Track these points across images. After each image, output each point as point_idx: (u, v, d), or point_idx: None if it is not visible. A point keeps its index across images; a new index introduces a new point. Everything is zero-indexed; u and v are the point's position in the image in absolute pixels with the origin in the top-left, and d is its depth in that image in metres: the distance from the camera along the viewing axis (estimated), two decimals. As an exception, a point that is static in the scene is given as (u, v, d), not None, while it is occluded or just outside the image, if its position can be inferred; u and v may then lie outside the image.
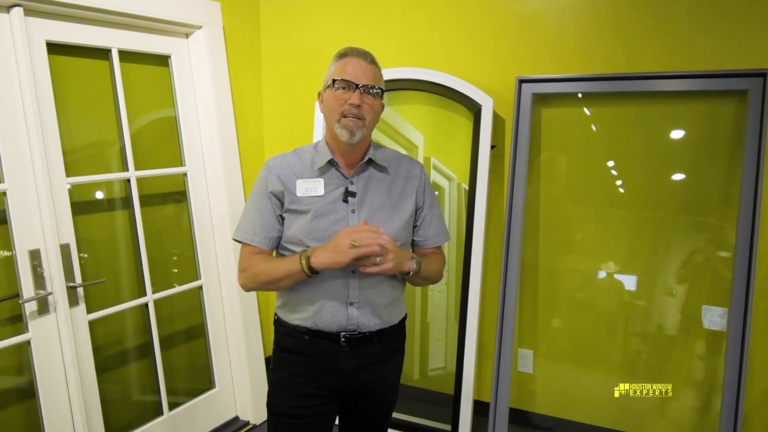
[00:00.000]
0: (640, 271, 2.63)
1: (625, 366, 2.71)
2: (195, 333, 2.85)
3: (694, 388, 2.59)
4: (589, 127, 2.65)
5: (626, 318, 2.68)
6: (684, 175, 2.51)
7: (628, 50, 2.49)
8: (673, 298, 2.58)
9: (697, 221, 2.51)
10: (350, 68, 1.54)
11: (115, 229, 2.51)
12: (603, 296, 2.72)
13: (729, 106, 2.40)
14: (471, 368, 2.66)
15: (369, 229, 1.48)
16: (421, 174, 1.72)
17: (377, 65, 1.60)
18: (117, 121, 2.46)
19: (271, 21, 3.22)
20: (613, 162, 2.63)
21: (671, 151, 2.53)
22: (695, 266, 2.52)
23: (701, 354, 2.56)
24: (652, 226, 2.59)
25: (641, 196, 2.59)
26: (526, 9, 2.64)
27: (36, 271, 2.13)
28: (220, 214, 2.81)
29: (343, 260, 1.46)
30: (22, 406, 2.17)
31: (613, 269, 2.69)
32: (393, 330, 1.68)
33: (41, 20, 2.17)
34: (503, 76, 2.71)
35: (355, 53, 1.57)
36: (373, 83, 1.55)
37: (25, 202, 2.10)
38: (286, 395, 1.65)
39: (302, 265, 1.50)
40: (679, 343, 2.59)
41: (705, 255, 2.50)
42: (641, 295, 2.65)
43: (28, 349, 2.13)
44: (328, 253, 1.47)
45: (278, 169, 1.62)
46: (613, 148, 2.62)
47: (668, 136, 2.53)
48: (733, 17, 2.32)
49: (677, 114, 2.50)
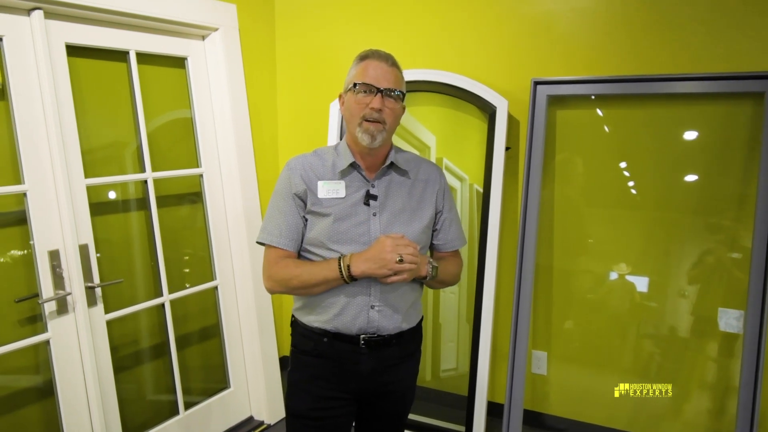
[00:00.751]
0: (653, 273, 2.63)
1: (639, 368, 2.70)
2: (210, 333, 2.86)
3: (709, 390, 2.58)
4: (603, 128, 2.65)
5: (640, 320, 2.68)
6: (698, 176, 2.50)
7: (642, 52, 2.48)
8: (688, 300, 2.57)
9: (711, 223, 2.50)
10: (371, 71, 1.54)
11: (132, 229, 2.53)
12: (617, 298, 2.72)
13: (744, 108, 2.39)
14: (485, 369, 2.66)
15: (410, 244, 1.50)
16: (441, 178, 1.73)
17: (398, 68, 1.59)
18: (134, 122, 2.48)
19: (286, 22, 3.24)
20: (627, 163, 2.62)
21: (685, 153, 2.52)
22: (710, 268, 2.51)
23: (716, 356, 2.55)
24: (666, 227, 2.58)
25: (655, 197, 2.58)
26: (539, 11, 2.64)
27: (55, 271, 2.15)
28: (236, 215, 2.82)
29: (386, 273, 1.48)
30: (41, 405, 2.19)
31: (626, 271, 2.69)
32: (411, 332, 1.69)
33: (61, 23, 2.19)
34: (517, 78, 2.72)
35: (376, 56, 1.57)
36: (394, 86, 1.54)
37: (45, 203, 2.13)
38: (305, 397, 1.66)
39: (342, 273, 1.51)
40: (694, 345, 2.59)
41: (720, 257, 2.50)
42: (655, 297, 2.64)
43: (47, 349, 2.16)
44: (370, 263, 1.48)
45: (300, 170, 1.62)
46: (627, 149, 2.62)
47: (682, 138, 2.52)
48: (748, 20, 2.31)
49: (692, 116, 2.49)
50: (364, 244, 1.56)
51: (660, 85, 2.44)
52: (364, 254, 1.50)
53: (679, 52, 2.43)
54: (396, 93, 1.55)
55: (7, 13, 2.04)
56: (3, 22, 2.02)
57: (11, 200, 2.09)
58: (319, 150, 1.70)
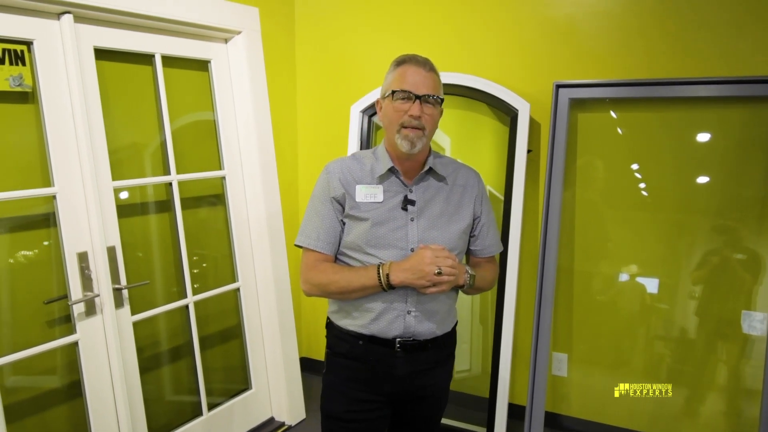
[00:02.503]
0: (673, 276, 2.63)
1: (658, 370, 2.70)
2: (231, 334, 2.88)
3: (732, 392, 2.58)
4: (625, 131, 2.65)
5: (660, 322, 2.68)
6: (718, 180, 2.50)
7: (665, 56, 2.49)
8: (710, 303, 2.57)
9: (734, 226, 2.50)
10: (409, 78, 1.52)
11: (156, 231, 2.55)
12: (638, 300, 2.72)
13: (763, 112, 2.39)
14: (507, 371, 2.67)
15: (449, 256, 1.51)
16: (479, 183, 1.72)
17: (436, 72, 1.58)
18: (159, 125, 2.50)
19: (306, 26, 3.26)
20: (647, 166, 2.62)
21: (708, 156, 2.52)
22: (733, 271, 2.51)
23: (739, 359, 2.55)
24: (687, 230, 2.58)
25: (675, 200, 2.58)
26: (557, 15, 2.65)
27: (84, 273, 2.17)
28: (257, 218, 2.83)
29: (424, 284, 1.49)
30: (68, 406, 2.21)
31: (646, 273, 2.69)
32: (446, 336, 1.69)
33: (90, 27, 2.21)
34: (536, 81, 2.72)
35: (414, 61, 1.55)
36: (432, 92, 1.53)
37: (74, 205, 2.14)
38: (340, 399, 1.67)
39: (381, 281, 1.51)
40: (716, 347, 2.59)
41: (743, 260, 2.49)
42: (675, 300, 2.64)
43: (75, 350, 2.18)
44: (408, 274, 1.49)
45: (339, 173, 1.62)
46: (649, 152, 2.62)
47: (705, 141, 2.52)
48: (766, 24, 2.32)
49: (715, 119, 2.50)
50: (401, 249, 1.56)
51: (680, 89, 2.44)
52: (404, 264, 1.50)
53: (704, 56, 2.43)
54: (434, 98, 1.54)
55: (38, 17, 2.05)
56: (33, 26, 2.04)
57: (41, 202, 2.11)
58: (358, 154, 1.70)
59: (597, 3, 2.57)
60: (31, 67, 2.06)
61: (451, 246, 1.60)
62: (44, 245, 2.14)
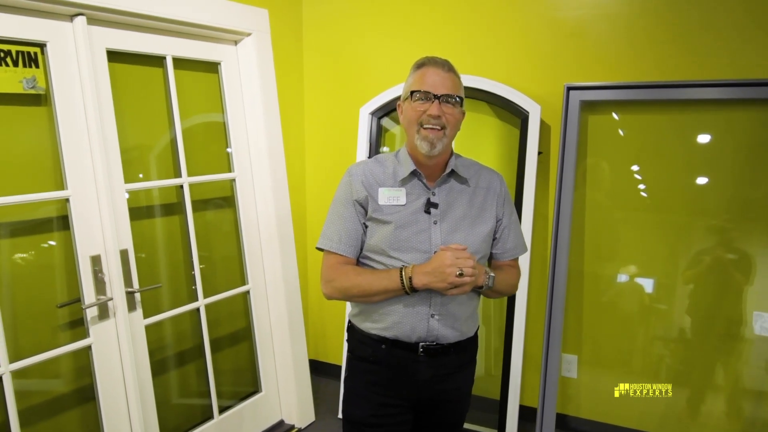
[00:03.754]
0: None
1: (669, 370, 2.71)
2: (241, 337, 2.87)
3: (743, 393, 2.59)
4: (634, 133, 2.66)
5: (671, 323, 2.69)
6: (732, 181, 2.51)
7: (676, 58, 2.50)
8: (720, 303, 2.57)
9: (745, 228, 2.51)
10: (429, 78, 1.53)
11: (167, 233, 2.54)
12: (648, 301, 2.73)
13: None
14: (518, 373, 2.67)
15: (470, 256, 1.49)
16: (501, 186, 1.71)
17: (456, 73, 1.58)
18: (170, 127, 2.49)
19: (313, 27, 3.26)
20: (659, 168, 2.63)
21: (719, 158, 2.52)
22: (744, 272, 2.52)
23: (751, 360, 2.56)
24: (698, 232, 2.59)
25: (687, 202, 2.59)
26: (567, 17, 2.65)
27: (97, 276, 2.16)
28: (267, 220, 2.83)
29: (446, 287, 1.47)
30: (82, 409, 2.20)
31: (656, 275, 2.69)
32: (468, 341, 1.68)
33: (102, 29, 2.20)
34: (546, 83, 2.73)
35: (432, 63, 1.55)
36: (452, 92, 1.53)
37: (87, 208, 2.13)
38: (363, 404, 1.66)
39: (404, 285, 1.50)
40: (727, 348, 2.59)
41: (755, 261, 2.50)
42: (685, 300, 2.65)
43: (88, 354, 2.16)
44: (431, 277, 1.48)
45: (362, 176, 1.61)
46: (659, 154, 2.63)
47: (716, 143, 2.53)
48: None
49: (725, 121, 2.50)
50: (424, 252, 1.56)
51: (688, 91, 2.45)
52: (425, 267, 1.49)
53: (705, 58, 2.45)
54: (454, 99, 1.54)
55: (51, 18, 2.04)
56: (47, 28, 2.03)
57: (53, 206, 2.10)
58: (380, 157, 1.69)
59: (605, 5, 2.58)
60: (45, 69, 2.04)
61: (474, 249, 1.59)
62: (57, 248, 2.12)
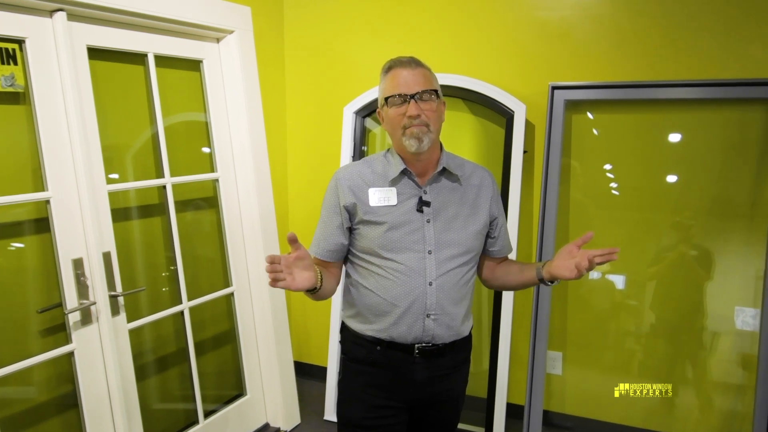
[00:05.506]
0: (668, 274, 2.67)
1: (652, 366, 2.75)
2: (225, 340, 2.82)
3: (725, 387, 2.64)
4: (619, 132, 2.69)
5: (655, 319, 2.73)
6: (712, 180, 2.56)
7: (659, 58, 2.53)
8: (704, 299, 2.62)
9: (725, 225, 2.56)
10: (399, 80, 1.52)
11: (149, 235, 2.48)
12: (631, 298, 2.76)
13: (760, 114, 2.45)
14: (505, 372, 2.68)
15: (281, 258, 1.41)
16: (493, 183, 1.71)
17: (425, 66, 1.56)
18: (152, 126, 2.43)
19: (295, 25, 3.22)
20: (643, 167, 2.67)
21: (702, 157, 2.57)
22: (725, 268, 2.57)
23: (732, 354, 2.61)
24: (681, 230, 2.63)
25: (670, 200, 2.63)
26: (553, 17, 2.67)
27: (79, 280, 2.09)
28: (251, 220, 2.78)
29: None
30: (64, 417, 2.14)
31: (639, 272, 2.73)
32: (463, 341, 1.68)
33: (83, 25, 2.13)
34: (531, 83, 2.75)
35: (399, 63, 1.54)
36: (425, 87, 1.51)
37: (68, 210, 2.07)
38: (358, 406, 1.64)
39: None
40: (709, 343, 2.64)
41: (735, 257, 2.55)
42: (670, 297, 2.69)
43: (71, 360, 2.10)
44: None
45: (349, 180, 1.60)
46: (641, 153, 2.67)
47: (697, 143, 2.57)
48: (758, 28, 2.38)
49: (708, 121, 2.55)
50: (418, 252, 1.55)
51: (675, 91, 2.49)
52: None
53: (692, 59, 2.49)
54: (429, 93, 1.52)
55: (30, 14, 1.97)
56: (26, 24, 1.96)
57: (33, 207, 2.03)
58: (368, 158, 1.68)
59: (591, 6, 2.60)
60: (24, 66, 1.97)
61: (467, 247, 1.60)
62: (37, 251, 2.05)
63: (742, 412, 2.59)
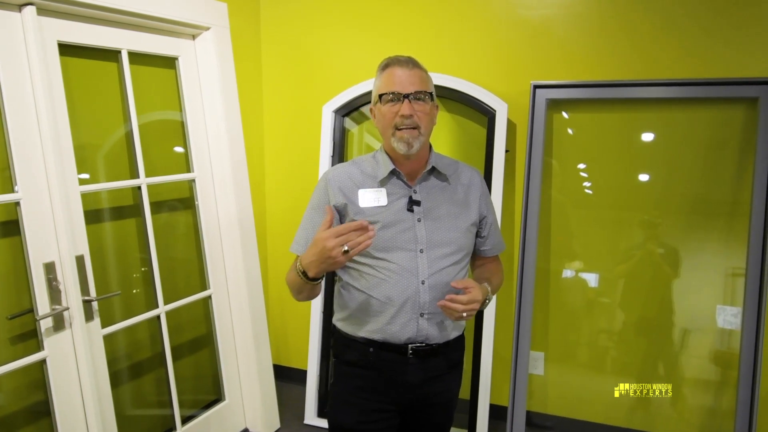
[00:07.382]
0: (650, 274, 2.69)
1: (636, 366, 2.76)
2: (203, 344, 2.76)
3: (707, 385, 2.66)
4: (601, 131, 2.70)
5: (637, 319, 2.74)
6: (694, 179, 2.57)
7: (641, 57, 2.54)
8: (686, 298, 2.64)
9: (707, 224, 2.57)
10: (395, 78, 1.50)
11: (124, 237, 2.41)
12: (613, 297, 2.77)
13: (738, 113, 2.47)
14: (488, 374, 2.67)
15: (354, 227, 1.34)
16: (482, 182, 1.71)
17: (422, 68, 1.56)
18: (126, 125, 2.36)
19: (272, 22, 3.17)
20: (624, 166, 2.67)
21: (683, 156, 2.58)
22: (708, 267, 2.59)
23: (714, 353, 2.63)
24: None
25: (653, 199, 2.64)
26: (536, 15, 2.66)
27: (51, 285, 2.02)
28: (228, 221, 2.72)
29: (331, 263, 1.37)
30: (36, 426, 2.06)
31: (621, 271, 2.74)
32: (456, 341, 1.66)
33: (53, 20, 2.06)
34: (512, 82, 2.73)
35: (396, 62, 1.53)
36: (420, 89, 1.50)
37: (39, 211, 1.99)
38: (351, 410, 1.61)
39: (299, 273, 1.46)
40: (691, 342, 2.66)
41: (716, 257, 2.57)
42: (652, 297, 2.71)
43: (43, 368, 2.02)
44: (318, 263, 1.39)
45: (339, 181, 1.58)
46: (623, 152, 2.67)
47: (680, 142, 2.59)
48: (744, 25, 2.40)
49: (689, 120, 2.56)
50: (410, 251, 1.53)
51: (657, 90, 2.50)
52: (310, 255, 1.42)
53: (677, 58, 2.50)
54: (424, 95, 1.52)
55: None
56: (-8, 19, 1.88)
57: (2, 209, 1.95)
58: (357, 159, 1.67)
59: (573, 5, 2.60)
60: (-9, 63, 1.89)
61: (458, 245, 1.58)
62: (6, 255, 1.97)
63: (724, 409, 2.62)
